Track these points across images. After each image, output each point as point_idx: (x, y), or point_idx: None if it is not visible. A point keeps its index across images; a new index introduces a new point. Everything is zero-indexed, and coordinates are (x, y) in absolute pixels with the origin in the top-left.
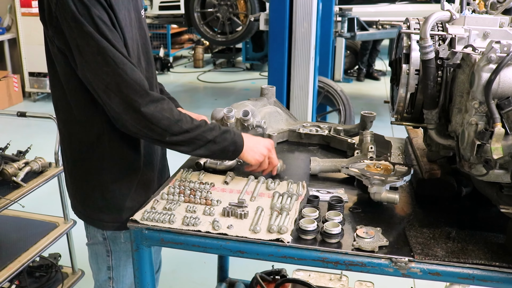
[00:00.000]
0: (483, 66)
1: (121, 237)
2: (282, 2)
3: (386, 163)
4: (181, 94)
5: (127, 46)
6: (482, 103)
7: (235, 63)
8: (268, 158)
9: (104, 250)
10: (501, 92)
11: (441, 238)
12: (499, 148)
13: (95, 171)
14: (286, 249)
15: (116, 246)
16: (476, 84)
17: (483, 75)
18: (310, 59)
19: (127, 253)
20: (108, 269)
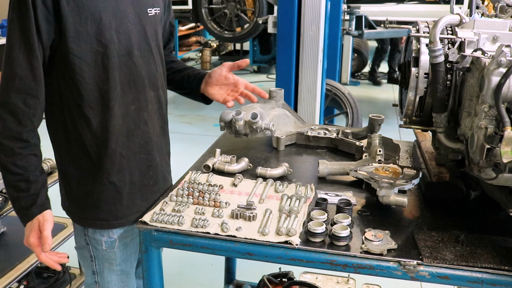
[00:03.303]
0: (493, 70)
1: (103, 244)
2: (290, 6)
3: (395, 166)
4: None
5: (103, 33)
6: (492, 107)
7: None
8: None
9: (88, 255)
10: (511, 96)
11: (450, 242)
12: (508, 152)
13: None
14: (295, 252)
15: (98, 252)
16: (486, 88)
17: (493, 79)
18: (318, 62)
19: (109, 261)
20: (93, 274)
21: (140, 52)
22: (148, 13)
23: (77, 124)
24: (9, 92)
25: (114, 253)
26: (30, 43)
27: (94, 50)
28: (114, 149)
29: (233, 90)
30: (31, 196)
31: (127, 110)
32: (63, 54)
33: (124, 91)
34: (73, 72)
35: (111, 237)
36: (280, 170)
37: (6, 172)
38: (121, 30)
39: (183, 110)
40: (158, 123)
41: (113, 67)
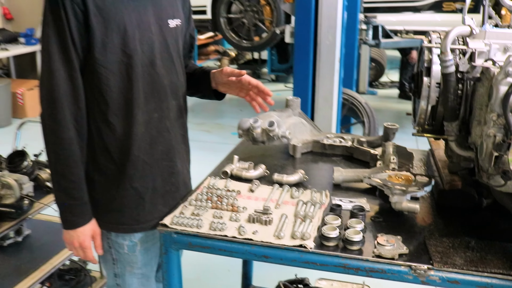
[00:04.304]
0: (501, 79)
1: (125, 247)
2: (307, 16)
3: (408, 174)
4: (207, 105)
5: (128, 44)
6: (500, 116)
7: (260, 75)
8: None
9: (110, 258)
10: None
11: (461, 248)
12: None
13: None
14: (309, 255)
15: (120, 255)
16: (494, 97)
17: (501, 89)
18: (335, 71)
19: (130, 264)
20: (115, 276)
21: (162, 62)
22: (169, 25)
23: (102, 131)
24: (55, 103)
25: (136, 256)
26: (68, 55)
27: (119, 60)
28: (137, 155)
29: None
30: (82, 205)
31: (150, 118)
32: (90, 64)
33: (147, 99)
34: (100, 81)
35: (133, 241)
36: (296, 177)
37: (61, 178)
38: (144, 41)
39: (202, 118)
40: (180, 131)
41: (136, 77)
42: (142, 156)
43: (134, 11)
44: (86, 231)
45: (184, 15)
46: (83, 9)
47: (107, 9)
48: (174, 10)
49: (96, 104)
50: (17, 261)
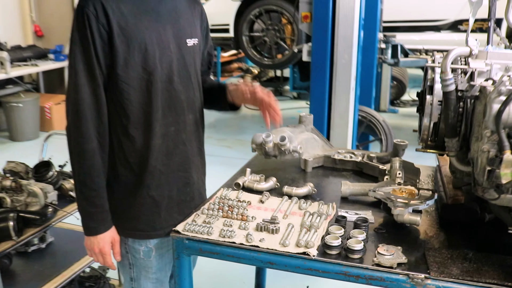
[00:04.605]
0: (494, 98)
1: (141, 253)
2: (324, 35)
3: (411, 188)
4: (229, 121)
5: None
6: (494, 132)
7: (282, 92)
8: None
9: (127, 263)
10: (511, 122)
11: (458, 259)
12: (508, 173)
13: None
14: (312, 262)
15: (136, 260)
16: (488, 114)
17: (494, 106)
18: (351, 89)
19: (146, 269)
20: (131, 280)
21: (180, 78)
22: (187, 44)
23: (123, 143)
24: (80, 117)
25: (151, 261)
26: (93, 72)
27: (140, 76)
28: (154, 166)
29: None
30: (103, 212)
31: (167, 131)
32: (113, 81)
33: (165, 113)
34: (121, 96)
35: (148, 247)
36: (305, 189)
37: (84, 187)
38: (163, 59)
39: (223, 134)
40: (196, 144)
41: (156, 92)
42: (159, 166)
43: (154, 31)
44: (106, 238)
45: (201, 34)
46: (108, 29)
47: (130, 29)
48: (192, 29)
49: (118, 117)
50: (40, 266)
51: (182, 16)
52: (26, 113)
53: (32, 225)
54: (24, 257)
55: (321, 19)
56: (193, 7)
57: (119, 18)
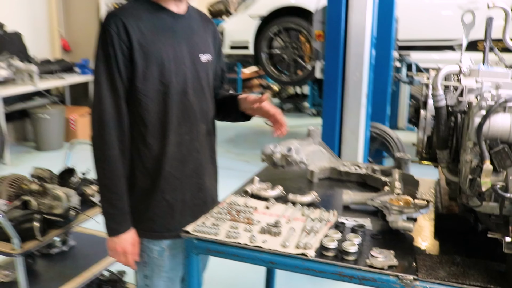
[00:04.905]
0: (476, 112)
1: (155, 252)
2: (336, 53)
3: (407, 198)
4: (248, 137)
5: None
6: (476, 144)
7: (302, 109)
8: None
9: (142, 261)
10: (491, 134)
11: (447, 263)
12: (487, 182)
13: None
14: (309, 263)
15: (150, 259)
16: (470, 127)
17: (475, 120)
18: (362, 106)
19: (159, 267)
20: (145, 277)
21: (193, 91)
22: (201, 59)
23: (141, 150)
24: (103, 126)
25: (164, 261)
26: (115, 85)
27: (157, 89)
28: (169, 171)
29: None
30: (124, 214)
31: (181, 139)
32: (132, 92)
33: (179, 123)
34: (140, 107)
35: (162, 247)
36: (309, 198)
37: (106, 191)
38: (178, 73)
39: (242, 149)
40: (208, 152)
41: (171, 103)
42: (174, 172)
43: (171, 47)
44: (128, 238)
45: (214, 51)
46: (129, 46)
47: (148, 46)
48: (205, 46)
49: (137, 126)
50: (62, 267)
51: (196, 34)
52: (52, 124)
53: (55, 227)
54: (47, 259)
55: (333, 37)
56: (206, 26)
57: (138, 36)
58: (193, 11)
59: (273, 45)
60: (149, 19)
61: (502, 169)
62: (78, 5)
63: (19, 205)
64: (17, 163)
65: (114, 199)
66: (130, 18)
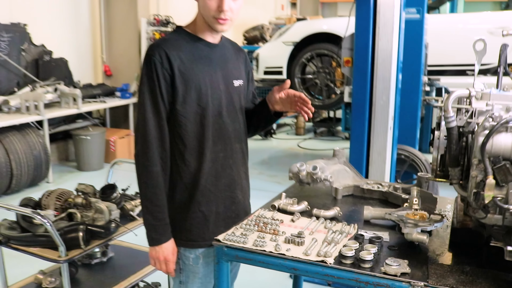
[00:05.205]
0: (480, 132)
1: (190, 260)
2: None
3: (423, 212)
4: (282, 159)
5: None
6: (480, 161)
7: (335, 132)
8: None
9: (178, 268)
10: (494, 152)
11: (457, 272)
12: (490, 195)
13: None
14: (329, 269)
15: (186, 266)
16: (475, 146)
17: (479, 139)
18: (388, 129)
19: (193, 274)
20: (180, 283)
21: (227, 113)
22: (234, 84)
23: (179, 167)
24: (147, 145)
25: (198, 268)
26: (158, 107)
27: (195, 111)
28: (204, 185)
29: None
30: (165, 225)
31: (216, 157)
32: (173, 114)
33: (215, 142)
34: (180, 127)
35: (197, 255)
36: (332, 212)
37: (149, 203)
38: (214, 97)
39: (275, 171)
40: (242, 169)
41: (207, 124)
42: (209, 186)
43: (207, 74)
44: (169, 247)
45: (246, 77)
46: (170, 73)
47: (187, 73)
48: (238, 73)
49: (176, 145)
50: (101, 277)
51: (229, 62)
52: (93, 145)
53: (97, 238)
54: (88, 268)
55: (361, 63)
56: (238, 55)
57: (179, 64)
58: (226, 41)
59: (306, 70)
60: (188, 49)
61: (504, 183)
62: (120, 32)
63: (65, 216)
64: (59, 182)
65: (156, 211)
66: (171, 48)
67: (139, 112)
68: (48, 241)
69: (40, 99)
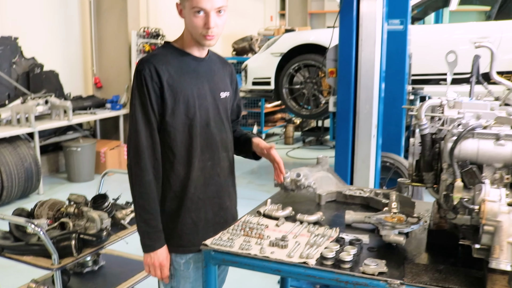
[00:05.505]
0: (449, 138)
1: (181, 265)
2: (347, 88)
3: (401, 216)
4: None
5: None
6: (450, 165)
7: (323, 141)
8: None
9: (169, 273)
10: (462, 157)
11: (431, 271)
12: (458, 196)
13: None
14: (311, 270)
15: (177, 271)
16: (445, 151)
17: (448, 144)
18: (372, 137)
19: (184, 279)
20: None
21: (215, 123)
22: (221, 96)
23: (170, 175)
24: (140, 155)
25: (189, 272)
26: (149, 119)
27: (183, 122)
28: (193, 193)
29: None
30: (158, 232)
31: (204, 165)
32: (163, 125)
33: (203, 151)
34: (169, 138)
35: (188, 260)
36: (315, 217)
37: (142, 211)
38: (201, 108)
39: (264, 180)
40: (229, 176)
41: (196, 134)
42: (198, 193)
43: (195, 86)
44: (163, 253)
45: (232, 89)
46: (160, 86)
47: (176, 86)
48: (224, 85)
49: (166, 155)
50: (92, 285)
51: (216, 74)
52: (83, 156)
53: (89, 246)
54: (79, 277)
55: (344, 74)
56: (224, 68)
57: (168, 77)
58: (213, 55)
59: (294, 81)
60: (176, 63)
61: (472, 185)
62: (110, 45)
63: (57, 225)
64: (50, 193)
65: (149, 219)
66: (160, 63)
67: (131, 124)
68: (41, 249)
69: (31, 111)
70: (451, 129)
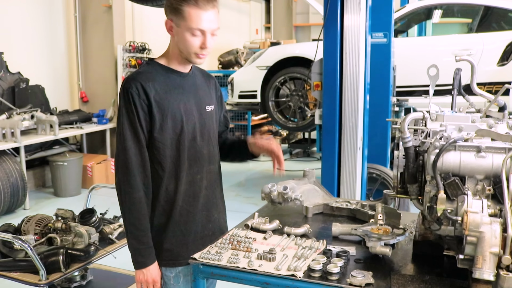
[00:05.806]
0: (432, 151)
1: (171, 279)
2: (333, 101)
3: (387, 227)
4: (258, 181)
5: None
6: (433, 177)
7: (310, 153)
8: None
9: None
10: (444, 169)
11: (417, 281)
12: (442, 208)
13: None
14: (298, 283)
15: (167, 285)
16: (428, 163)
17: (431, 157)
18: (357, 149)
19: None
20: None
21: (201, 137)
22: (206, 110)
23: (158, 191)
24: (129, 172)
25: (179, 286)
26: (137, 136)
27: (171, 137)
28: (181, 206)
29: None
30: (149, 248)
31: (193, 178)
32: (151, 141)
33: (190, 165)
34: (159, 153)
35: (177, 274)
36: (302, 229)
37: (133, 229)
38: (188, 123)
39: (251, 193)
40: (217, 189)
41: (183, 149)
42: (186, 206)
43: (181, 102)
44: (155, 269)
45: (217, 102)
46: (147, 103)
47: (163, 102)
48: (209, 98)
49: (155, 170)
50: None
51: (200, 89)
52: (70, 171)
53: (77, 261)
54: None
55: (329, 87)
56: (208, 81)
57: (154, 94)
58: (196, 69)
59: (280, 94)
60: (162, 79)
61: (454, 197)
62: (96, 59)
63: (45, 241)
64: (36, 208)
65: (140, 235)
66: (146, 80)
67: (119, 142)
68: (29, 265)
69: (16, 126)
70: (433, 142)
